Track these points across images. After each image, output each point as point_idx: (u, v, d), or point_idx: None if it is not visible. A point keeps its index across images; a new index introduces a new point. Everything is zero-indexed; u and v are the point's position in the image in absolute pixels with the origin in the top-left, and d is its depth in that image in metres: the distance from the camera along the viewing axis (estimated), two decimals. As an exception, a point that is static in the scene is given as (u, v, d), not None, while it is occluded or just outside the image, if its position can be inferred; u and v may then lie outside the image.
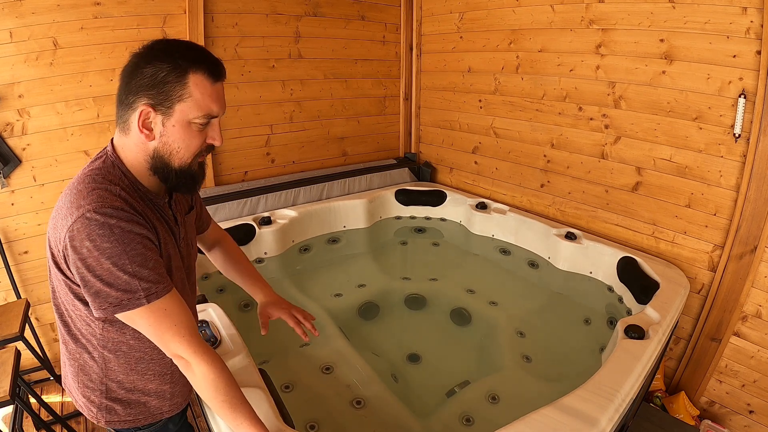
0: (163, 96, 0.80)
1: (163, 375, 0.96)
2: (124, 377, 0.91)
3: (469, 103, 2.74)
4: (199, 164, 0.90)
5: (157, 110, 0.81)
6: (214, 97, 0.83)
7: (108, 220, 0.75)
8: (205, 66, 0.82)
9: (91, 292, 0.77)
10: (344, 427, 1.42)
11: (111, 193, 0.79)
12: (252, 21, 2.36)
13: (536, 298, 2.13)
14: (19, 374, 1.51)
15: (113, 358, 0.89)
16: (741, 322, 1.77)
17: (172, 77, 0.79)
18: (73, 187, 0.81)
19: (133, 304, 0.78)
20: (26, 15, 1.77)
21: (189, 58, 0.81)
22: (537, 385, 1.60)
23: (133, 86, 0.81)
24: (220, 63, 0.86)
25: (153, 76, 0.79)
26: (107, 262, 0.75)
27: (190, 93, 0.80)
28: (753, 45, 1.58)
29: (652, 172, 1.97)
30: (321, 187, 2.63)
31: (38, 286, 2.05)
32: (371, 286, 2.21)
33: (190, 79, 0.80)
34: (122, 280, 0.76)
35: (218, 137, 0.88)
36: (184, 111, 0.81)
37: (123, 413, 0.93)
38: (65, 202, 0.79)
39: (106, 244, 0.75)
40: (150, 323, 0.81)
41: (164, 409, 0.98)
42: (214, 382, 0.85)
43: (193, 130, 0.84)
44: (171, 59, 0.80)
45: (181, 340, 0.83)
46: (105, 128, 2.05)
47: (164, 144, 0.83)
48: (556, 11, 2.17)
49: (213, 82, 0.83)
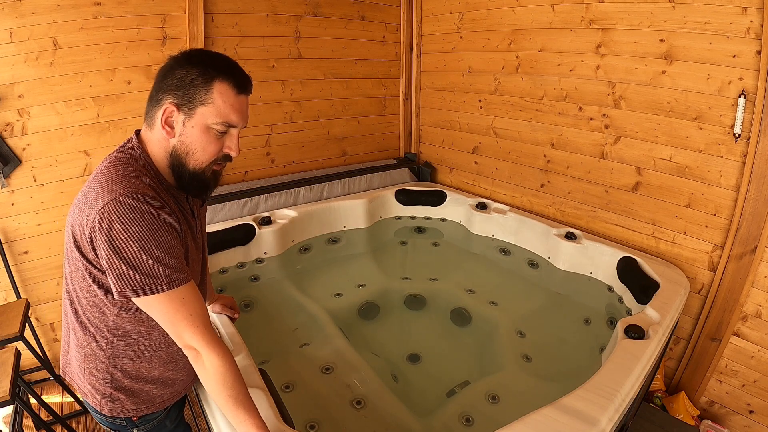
0: (187, 97, 0.85)
1: (168, 363, 0.99)
2: (131, 365, 0.94)
3: (469, 103, 2.74)
4: (213, 172, 0.93)
5: (180, 110, 0.85)
6: (236, 107, 0.87)
7: (140, 205, 0.79)
8: (232, 77, 0.86)
9: (115, 273, 0.79)
10: (344, 427, 1.42)
11: (142, 182, 0.83)
12: (252, 21, 2.36)
13: (536, 298, 2.13)
14: (19, 374, 1.51)
15: (122, 345, 0.92)
16: (741, 322, 1.77)
17: (199, 81, 0.84)
18: (102, 173, 0.84)
19: (154, 288, 0.80)
20: (26, 15, 1.78)
21: (219, 67, 0.86)
22: (537, 385, 1.60)
23: (163, 85, 0.86)
24: (248, 78, 0.90)
25: (182, 78, 0.84)
26: (135, 245, 0.78)
27: (213, 99, 0.85)
28: (753, 45, 1.58)
29: (652, 172, 1.97)
30: (321, 187, 2.63)
31: (38, 286, 2.05)
32: (371, 286, 2.21)
33: (215, 86, 0.85)
34: (147, 264, 0.79)
35: (235, 148, 0.91)
36: (204, 114, 0.85)
37: (127, 402, 0.95)
38: (94, 187, 0.82)
39: (135, 227, 0.78)
40: (167, 310, 0.83)
41: (165, 397, 1.01)
42: (222, 376, 0.86)
43: (211, 136, 0.87)
44: (202, 65, 0.85)
45: (195, 331, 0.85)
46: (105, 128, 2.05)
47: (182, 143, 0.87)
48: (556, 11, 2.17)
49: (237, 93, 0.87)
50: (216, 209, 2.25)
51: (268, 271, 2.22)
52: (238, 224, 2.21)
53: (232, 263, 2.16)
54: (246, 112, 0.91)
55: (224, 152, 0.91)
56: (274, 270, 2.24)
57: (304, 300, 2.01)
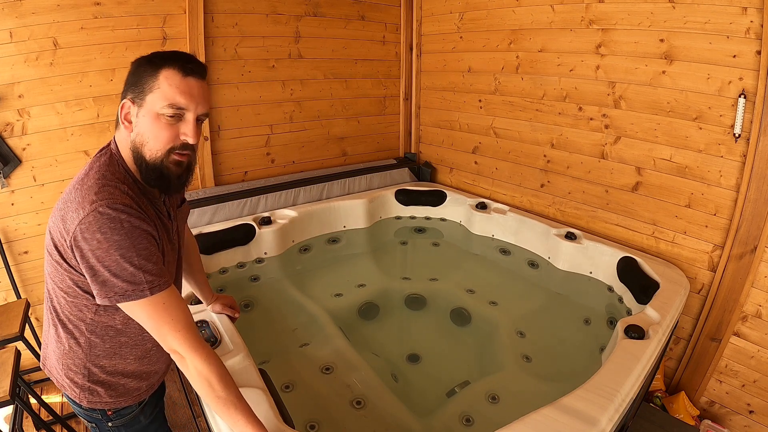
0: (138, 89, 0.86)
1: (142, 358, 1.01)
2: (107, 362, 0.96)
3: (469, 103, 2.74)
4: (176, 163, 0.89)
5: (134, 102, 0.87)
6: (182, 89, 0.85)
7: (119, 215, 0.80)
8: (177, 61, 0.86)
9: (99, 281, 0.81)
10: (344, 427, 1.42)
11: (120, 191, 0.84)
12: (252, 21, 2.36)
13: (536, 298, 2.13)
14: (19, 374, 1.51)
15: (99, 343, 0.93)
16: (741, 322, 1.77)
17: (148, 71, 0.85)
18: (82, 182, 0.85)
19: (137, 294, 0.82)
20: (26, 15, 1.77)
21: (166, 56, 0.87)
22: (537, 385, 1.60)
23: (124, 85, 0.88)
24: (195, 60, 0.89)
25: (134, 72, 0.87)
26: (116, 254, 0.80)
27: (159, 84, 0.85)
28: (753, 45, 1.58)
29: (652, 172, 1.97)
30: (321, 187, 2.63)
31: (38, 286, 2.05)
32: (371, 286, 2.21)
33: (162, 72, 0.85)
34: (128, 272, 0.81)
35: (191, 134, 0.88)
36: (152, 101, 0.85)
37: (105, 394, 0.97)
38: (75, 196, 0.82)
39: (116, 236, 0.79)
40: (150, 315, 0.85)
41: (142, 390, 1.03)
42: (207, 379, 0.87)
43: (162, 123, 0.86)
44: (152, 58, 0.86)
45: (177, 335, 0.86)
46: (105, 128, 2.05)
47: (138, 134, 0.87)
48: (556, 11, 2.17)
49: (183, 76, 0.86)
50: (216, 209, 2.25)
51: (268, 271, 2.22)
52: (238, 224, 2.21)
53: (232, 263, 2.16)
54: (198, 96, 0.87)
55: (181, 140, 0.88)
56: (274, 270, 2.24)
57: (304, 300, 2.01)
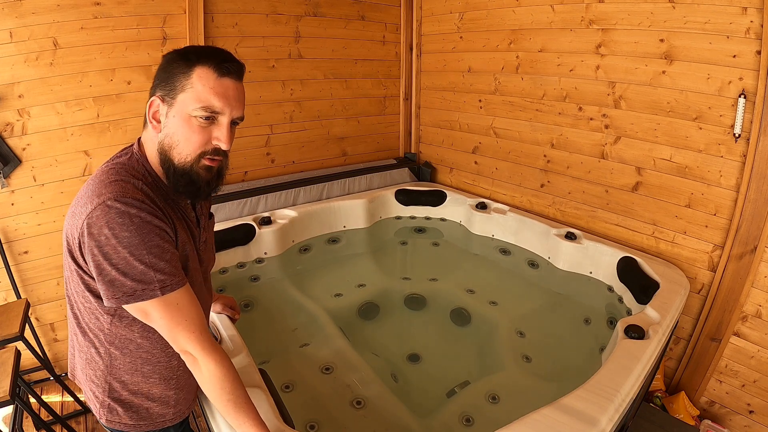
0: (170, 87, 0.81)
1: (168, 380, 0.94)
2: (129, 378, 0.90)
3: (469, 103, 2.74)
4: (206, 168, 0.85)
5: (164, 101, 0.82)
6: (217, 90, 0.81)
7: (129, 209, 0.75)
8: (212, 60, 0.81)
9: (106, 280, 0.76)
10: (344, 427, 1.42)
11: (133, 186, 0.79)
12: (252, 21, 2.36)
13: (536, 298, 2.13)
14: (19, 374, 1.51)
15: (119, 356, 0.88)
16: (741, 322, 1.77)
17: (180, 68, 0.80)
18: (95, 178, 0.81)
19: (147, 294, 0.77)
20: (26, 15, 1.77)
21: (200, 53, 0.82)
22: (537, 385, 1.60)
23: (154, 81, 0.84)
24: (232, 59, 0.84)
25: (165, 68, 0.82)
26: (124, 251, 0.75)
27: (192, 84, 0.80)
28: (753, 45, 1.58)
29: (652, 172, 1.97)
30: (321, 187, 2.63)
31: (38, 286, 2.05)
32: (371, 286, 2.21)
33: (195, 71, 0.80)
34: (138, 270, 0.76)
35: (224, 139, 0.83)
36: (185, 102, 0.80)
37: (124, 415, 0.91)
38: (86, 192, 0.79)
39: (125, 233, 0.74)
40: (162, 316, 0.80)
41: (167, 417, 0.96)
42: (220, 381, 0.84)
43: (194, 125, 0.81)
44: (186, 53, 0.81)
45: (190, 336, 0.82)
46: (105, 128, 2.05)
47: (167, 135, 0.82)
48: (556, 11, 2.17)
49: (219, 76, 0.81)
50: (216, 209, 2.25)
51: (268, 271, 2.22)
52: (238, 224, 2.21)
53: (232, 263, 2.16)
54: (234, 98, 0.83)
55: (213, 145, 0.83)
56: (274, 270, 2.24)
57: (304, 300, 2.01)
